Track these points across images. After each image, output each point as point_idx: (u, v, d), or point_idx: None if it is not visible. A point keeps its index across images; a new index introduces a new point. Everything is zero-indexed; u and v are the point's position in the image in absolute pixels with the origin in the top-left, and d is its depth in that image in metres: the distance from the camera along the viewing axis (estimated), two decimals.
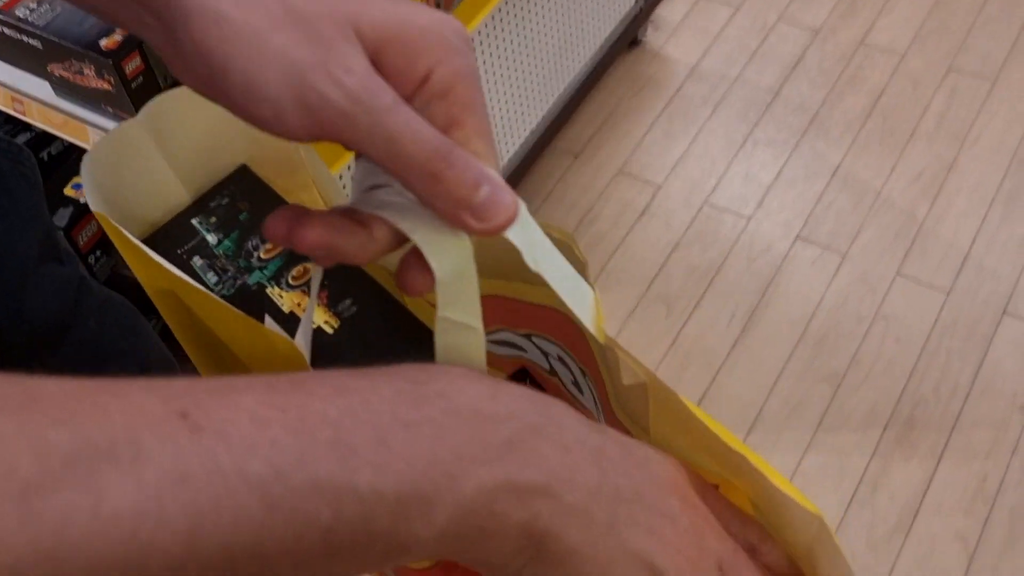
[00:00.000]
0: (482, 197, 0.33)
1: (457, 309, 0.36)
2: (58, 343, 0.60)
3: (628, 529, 0.32)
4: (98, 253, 1.44)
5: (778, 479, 0.37)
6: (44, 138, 1.39)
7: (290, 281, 0.51)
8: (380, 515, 0.28)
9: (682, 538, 0.33)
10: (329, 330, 0.49)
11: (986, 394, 1.53)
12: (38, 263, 0.58)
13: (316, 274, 0.40)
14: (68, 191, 1.39)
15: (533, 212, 0.40)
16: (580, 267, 0.43)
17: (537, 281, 0.42)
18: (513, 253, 0.38)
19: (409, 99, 0.33)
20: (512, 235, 0.36)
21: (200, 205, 0.55)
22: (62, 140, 1.36)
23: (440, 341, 0.37)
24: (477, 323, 0.37)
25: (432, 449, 0.29)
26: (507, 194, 0.34)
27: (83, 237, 1.40)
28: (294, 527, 0.26)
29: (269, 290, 0.51)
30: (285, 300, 0.51)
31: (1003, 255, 1.68)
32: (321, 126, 0.31)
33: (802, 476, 1.47)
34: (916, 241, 1.71)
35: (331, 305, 0.50)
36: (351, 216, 0.35)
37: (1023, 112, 1.87)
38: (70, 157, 1.43)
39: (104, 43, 1.00)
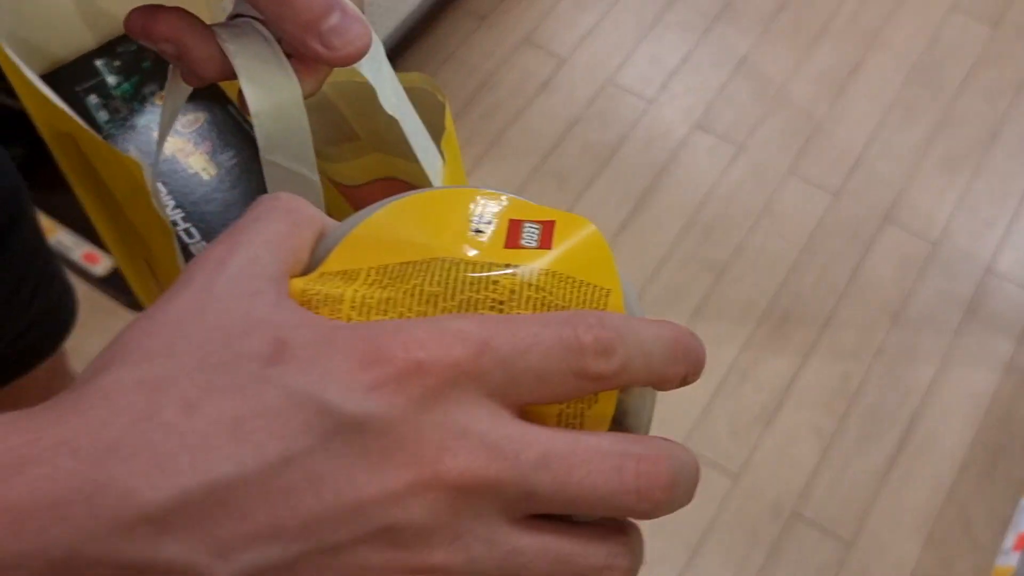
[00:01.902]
0: (331, 23, 0.32)
1: (283, 153, 0.35)
2: None
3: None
4: None
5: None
6: None
7: (179, 128, 0.53)
8: None
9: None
10: (206, 176, 0.51)
11: (859, 297, 1.56)
12: None
13: (174, 85, 0.39)
14: None
15: (431, 74, 0.39)
16: (440, 109, 0.44)
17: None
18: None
19: None
20: (367, 72, 0.36)
21: (107, 49, 0.56)
22: None
23: (271, 190, 0.36)
24: (312, 174, 0.36)
25: None
26: (360, 25, 0.33)
27: None
28: None
29: (156, 133, 0.52)
30: (170, 144, 0.52)
31: (894, 162, 1.69)
32: None
33: None
34: (812, 140, 1.71)
35: (213, 155, 0.52)
36: (207, 28, 0.35)
37: (932, 21, 1.87)
38: None
39: None
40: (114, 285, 1.41)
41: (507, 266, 0.26)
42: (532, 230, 0.27)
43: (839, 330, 1.53)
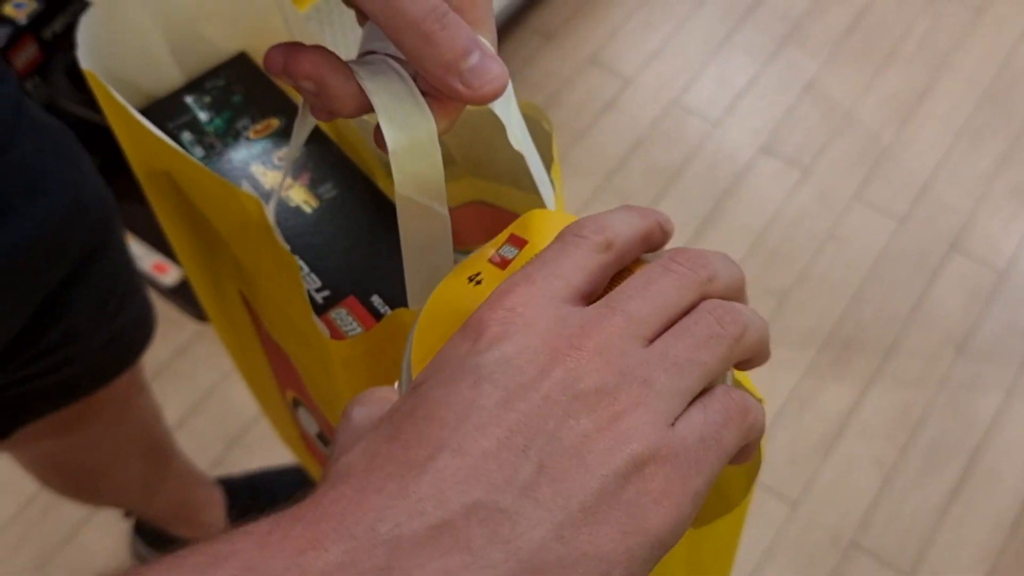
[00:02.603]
0: (472, 63, 0.33)
1: (416, 188, 0.36)
2: None
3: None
4: (37, 79, 1.37)
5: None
6: None
7: (275, 161, 0.53)
8: None
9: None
10: (308, 210, 0.51)
11: (923, 326, 1.54)
12: None
13: (304, 120, 0.40)
14: (8, 10, 1.31)
15: None
16: (546, 138, 0.45)
17: (528, 187, 0.43)
18: (506, 152, 0.39)
19: None
20: (498, 109, 0.37)
21: (195, 85, 0.57)
22: None
23: (403, 224, 0.37)
24: (442, 208, 0.37)
25: None
26: (498, 64, 0.34)
27: (20, 60, 1.33)
28: None
29: (253, 167, 0.52)
30: (268, 178, 0.52)
31: (961, 190, 1.67)
32: None
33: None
34: (878, 165, 1.69)
35: (312, 187, 0.52)
36: (346, 66, 0.35)
37: (1003, 46, 1.84)
38: None
39: None
40: (182, 296, 1.44)
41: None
42: (507, 248, 0.35)
43: (902, 359, 1.51)
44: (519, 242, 0.35)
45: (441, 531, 0.25)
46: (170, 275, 1.43)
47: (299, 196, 0.51)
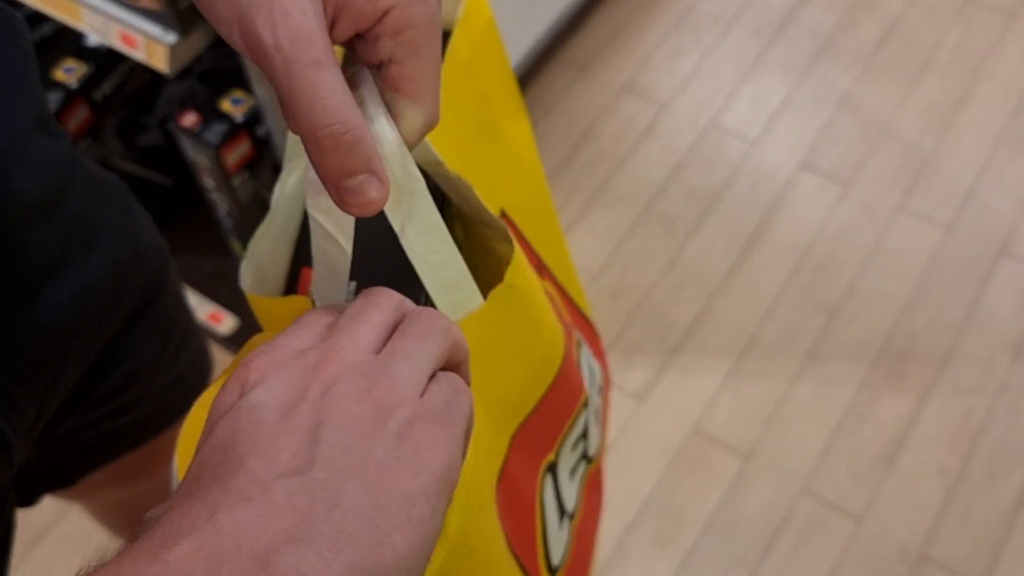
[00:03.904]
0: (351, 184, 0.35)
1: (327, 218, 0.39)
2: (49, 217, 0.58)
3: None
4: (89, 140, 1.41)
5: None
6: (34, 19, 1.35)
7: None
8: None
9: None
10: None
11: (977, 332, 1.52)
12: (31, 136, 0.56)
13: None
14: (59, 75, 1.35)
15: (534, 125, 0.42)
16: (509, 250, 0.47)
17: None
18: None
19: (366, 30, 0.37)
20: (387, 207, 0.39)
21: None
22: (54, 21, 1.31)
23: (314, 241, 0.40)
24: (347, 244, 0.40)
25: None
26: (376, 189, 0.36)
27: (72, 123, 1.37)
28: None
29: None
30: None
31: (1006, 194, 1.66)
32: (254, 57, 0.35)
33: (790, 404, 1.47)
34: (920, 174, 1.69)
35: None
36: None
37: None
38: (61, 39, 1.39)
39: None
40: (238, 343, 1.46)
41: None
42: None
43: (958, 367, 1.50)
44: None
45: (270, 506, 0.30)
46: (225, 324, 1.45)
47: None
